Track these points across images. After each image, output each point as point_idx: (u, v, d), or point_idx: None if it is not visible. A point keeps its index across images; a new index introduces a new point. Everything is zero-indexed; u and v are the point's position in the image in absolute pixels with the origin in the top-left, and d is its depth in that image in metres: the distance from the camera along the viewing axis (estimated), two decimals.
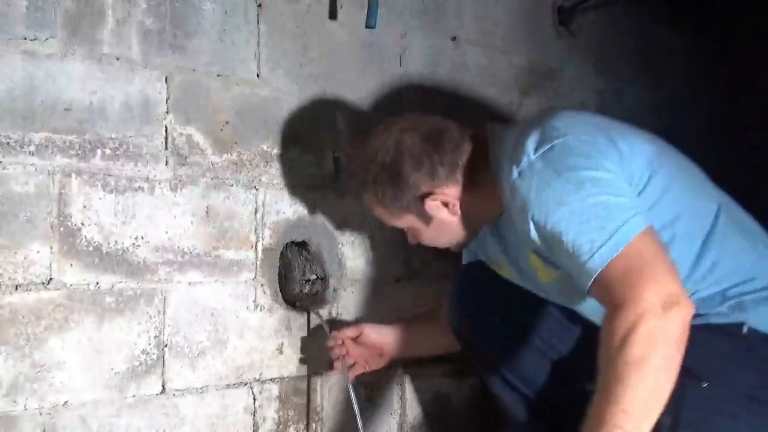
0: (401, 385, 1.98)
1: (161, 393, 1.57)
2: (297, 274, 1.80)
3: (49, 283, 1.44)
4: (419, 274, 2.01)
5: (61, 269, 1.45)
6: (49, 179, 1.44)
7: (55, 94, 1.45)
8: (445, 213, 1.52)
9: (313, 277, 1.81)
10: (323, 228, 1.84)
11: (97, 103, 1.50)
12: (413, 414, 2.01)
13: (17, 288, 1.40)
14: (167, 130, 1.60)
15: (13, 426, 1.39)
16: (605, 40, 2.55)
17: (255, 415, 1.72)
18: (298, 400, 1.79)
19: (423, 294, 1.98)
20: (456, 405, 2.09)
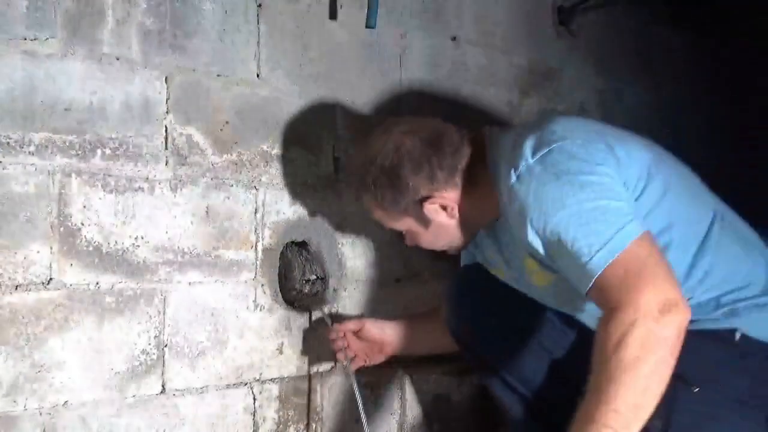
0: (401, 385, 1.99)
1: (161, 393, 1.58)
2: (297, 274, 1.80)
3: (49, 283, 1.44)
4: (419, 274, 2.01)
5: (61, 269, 1.45)
6: (49, 179, 1.44)
7: (55, 94, 1.45)
8: (444, 216, 1.52)
9: (313, 277, 1.81)
10: (323, 228, 1.84)
11: (97, 103, 1.50)
12: (413, 414, 2.01)
13: (17, 288, 1.40)
14: (167, 130, 1.60)
15: (13, 426, 1.39)
16: (605, 40, 2.55)
17: (255, 415, 1.72)
18: (298, 400, 1.79)
19: (423, 294, 1.98)
20: (456, 405, 2.09)
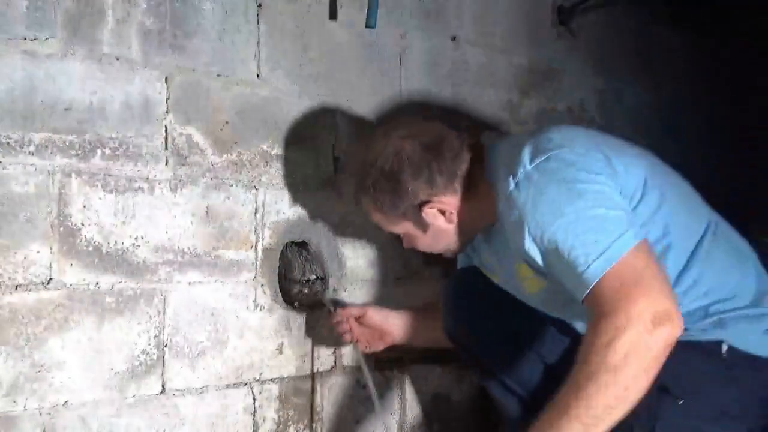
0: (401, 385, 1.98)
1: (161, 393, 1.58)
2: (297, 274, 1.80)
3: (49, 283, 1.44)
4: (419, 274, 2.01)
5: (61, 269, 1.45)
6: (49, 179, 1.44)
7: (55, 94, 1.45)
8: (442, 221, 1.53)
9: (313, 277, 1.81)
10: (323, 228, 1.84)
11: (97, 103, 1.50)
12: (413, 414, 2.01)
13: (17, 288, 1.40)
14: (167, 130, 1.60)
15: (13, 426, 1.39)
16: (605, 40, 2.55)
17: (255, 415, 1.72)
18: (298, 400, 1.79)
19: (423, 294, 1.97)
20: (456, 405, 2.09)
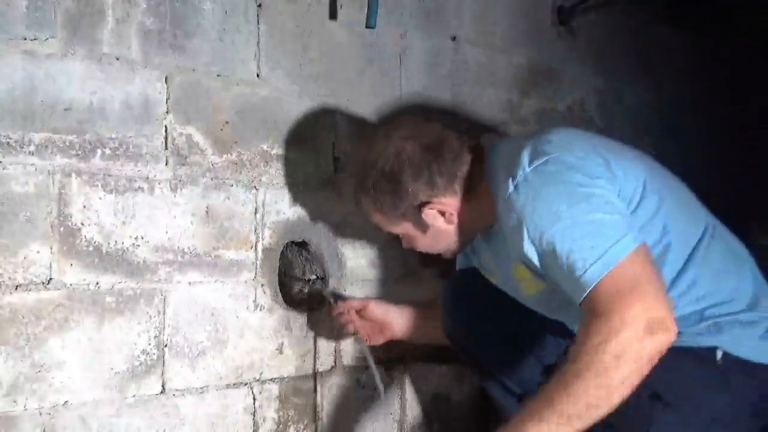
0: (401, 385, 1.98)
1: (161, 393, 1.57)
2: (297, 273, 1.80)
3: (49, 283, 1.44)
4: (419, 274, 2.01)
5: (61, 269, 1.45)
6: (49, 179, 1.44)
7: (55, 94, 1.45)
8: (442, 222, 1.53)
9: (313, 277, 1.82)
10: (323, 228, 1.84)
11: (97, 103, 1.50)
12: (413, 414, 2.01)
13: (17, 288, 1.40)
14: (167, 130, 1.60)
15: (13, 426, 1.39)
16: (605, 40, 2.55)
17: (255, 415, 1.72)
18: (298, 400, 1.79)
19: (423, 294, 1.97)
20: (456, 405, 2.09)
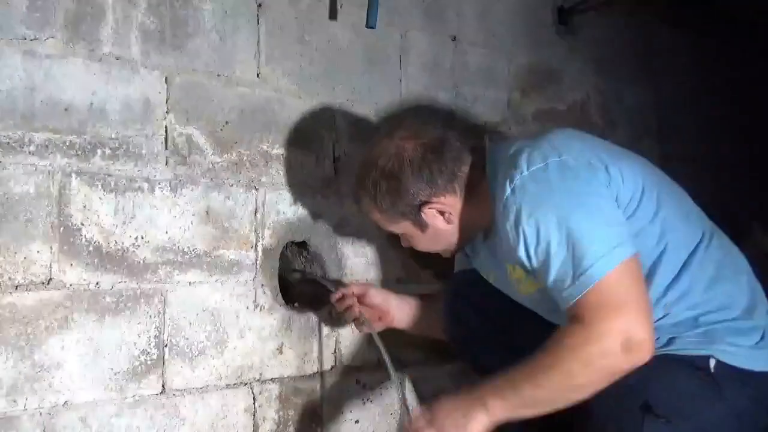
0: (401, 385, 1.98)
1: (161, 393, 1.57)
2: (295, 267, 1.80)
3: (49, 283, 1.44)
4: (419, 273, 2.01)
5: (61, 269, 1.45)
6: (49, 179, 1.44)
7: (55, 94, 1.45)
8: (441, 221, 1.54)
9: (309, 270, 1.81)
10: (323, 228, 1.84)
11: (97, 103, 1.50)
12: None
13: (17, 288, 1.40)
14: (167, 130, 1.59)
15: (13, 426, 1.39)
16: (605, 40, 2.55)
17: (255, 415, 1.72)
18: (298, 400, 1.79)
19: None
20: None
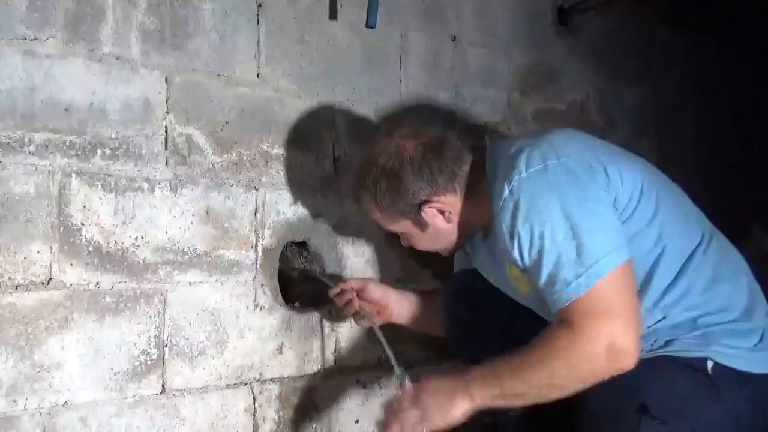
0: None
1: (161, 393, 1.57)
2: (294, 265, 1.80)
3: (49, 283, 1.44)
4: (418, 273, 2.01)
5: (61, 269, 1.45)
6: (49, 179, 1.44)
7: (55, 94, 1.45)
8: (441, 220, 1.54)
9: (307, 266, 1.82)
10: (323, 228, 1.84)
11: (97, 103, 1.50)
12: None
13: (17, 288, 1.40)
14: (167, 130, 1.59)
15: (13, 426, 1.39)
16: (605, 40, 2.55)
17: (255, 416, 1.72)
18: (298, 400, 1.79)
19: None
20: None
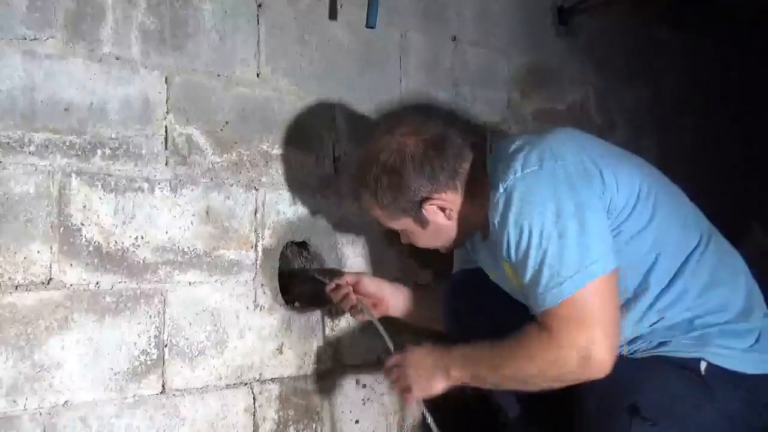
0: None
1: (161, 393, 1.57)
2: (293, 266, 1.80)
3: (49, 283, 1.44)
4: (418, 273, 2.01)
5: (61, 269, 1.45)
6: (49, 179, 1.44)
7: (55, 94, 1.45)
8: (442, 218, 1.54)
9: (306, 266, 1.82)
10: (323, 228, 1.84)
11: (97, 103, 1.50)
12: (413, 414, 2.01)
13: (17, 288, 1.40)
14: (167, 130, 1.59)
15: (13, 426, 1.39)
16: (605, 40, 2.55)
17: (255, 415, 1.72)
18: (298, 400, 1.79)
19: None
20: (456, 404, 2.08)
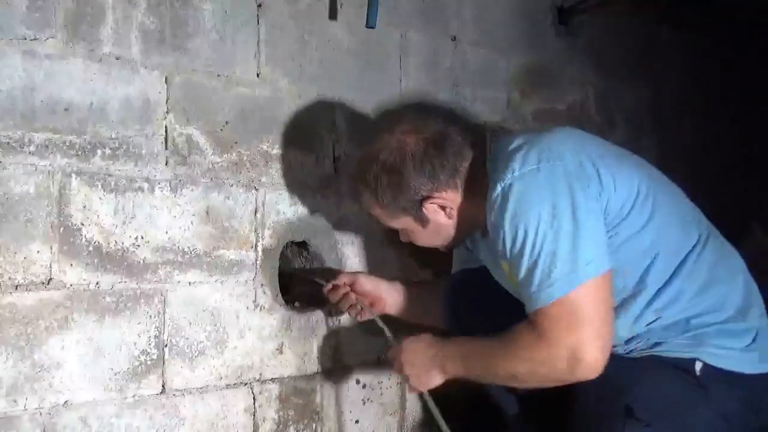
0: (401, 385, 1.98)
1: (161, 393, 1.57)
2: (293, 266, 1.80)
3: (49, 283, 1.44)
4: (418, 273, 2.01)
5: (61, 269, 1.45)
6: (49, 179, 1.44)
7: (55, 94, 1.45)
8: (442, 216, 1.53)
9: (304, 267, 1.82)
10: (323, 228, 1.84)
11: (97, 103, 1.50)
12: (413, 414, 2.01)
13: (17, 288, 1.40)
14: (167, 130, 1.60)
15: (13, 426, 1.39)
16: (605, 40, 2.55)
17: (255, 415, 1.72)
18: (298, 400, 1.79)
19: None
20: (456, 404, 2.08)
